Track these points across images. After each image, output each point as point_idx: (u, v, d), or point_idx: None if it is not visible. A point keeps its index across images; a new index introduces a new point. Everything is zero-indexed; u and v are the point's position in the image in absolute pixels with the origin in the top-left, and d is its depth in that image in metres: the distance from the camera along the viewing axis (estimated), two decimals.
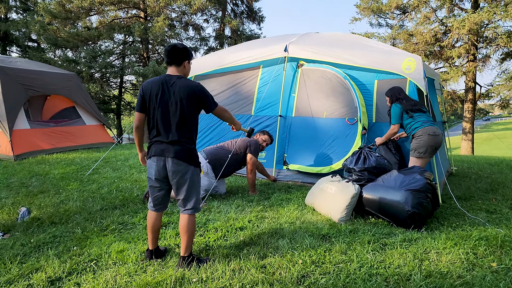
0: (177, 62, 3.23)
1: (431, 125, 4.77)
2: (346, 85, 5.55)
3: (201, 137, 6.82)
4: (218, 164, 5.08)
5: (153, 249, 3.32)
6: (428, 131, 4.71)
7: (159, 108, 3.13)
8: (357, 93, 5.46)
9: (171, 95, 3.12)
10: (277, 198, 5.06)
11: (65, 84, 10.19)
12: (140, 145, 3.45)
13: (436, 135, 4.72)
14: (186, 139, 3.17)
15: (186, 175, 3.14)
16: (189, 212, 3.18)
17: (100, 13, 18.38)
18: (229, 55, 6.77)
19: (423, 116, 4.82)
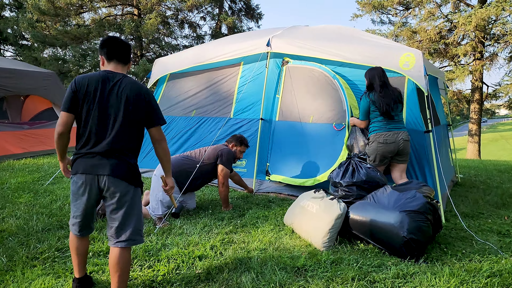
0: (124, 58, 2.62)
1: (389, 130, 4.27)
2: (334, 85, 4.83)
3: (174, 145, 6.09)
4: (183, 177, 4.37)
5: (80, 277, 2.74)
6: (379, 138, 4.25)
7: (95, 109, 2.46)
8: (346, 95, 4.73)
9: (113, 95, 2.47)
10: (252, 216, 4.34)
11: (42, 84, 9.50)
12: (63, 153, 2.70)
13: (388, 143, 4.24)
14: (128, 151, 2.50)
15: (125, 197, 2.49)
16: (123, 244, 2.50)
17: (91, 10, 17.72)
18: (208, 51, 6.07)
19: (386, 121, 4.30)
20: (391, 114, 4.29)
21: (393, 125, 4.33)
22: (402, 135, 4.28)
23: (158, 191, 4.27)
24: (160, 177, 2.97)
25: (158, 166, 4.45)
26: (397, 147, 4.28)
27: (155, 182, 4.35)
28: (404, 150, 4.30)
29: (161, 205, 4.25)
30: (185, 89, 6.22)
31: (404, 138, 4.28)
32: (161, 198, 4.25)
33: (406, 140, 4.29)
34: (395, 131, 4.30)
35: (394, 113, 4.31)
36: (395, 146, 4.28)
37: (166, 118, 6.24)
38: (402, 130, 4.33)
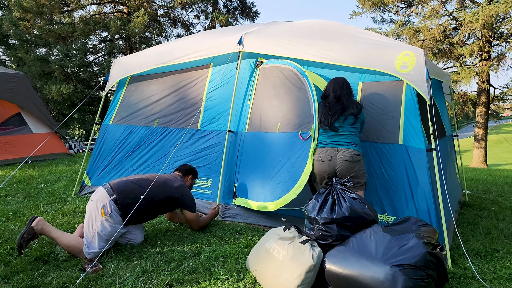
0: None
1: (325, 146, 3.60)
2: (304, 84, 3.91)
3: (134, 159, 5.22)
4: (131, 205, 3.49)
5: None
6: (315, 155, 3.66)
7: None
8: (314, 94, 3.80)
9: None
10: (209, 255, 3.45)
11: (7, 86, 8.66)
12: None
13: (321, 161, 3.56)
14: None
15: None
16: None
17: (78, 8, 16.89)
18: (174, 50, 5.19)
19: (327, 134, 3.64)
20: (332, 126, 3.58)
21: (334, 139, 3.58)
22: (343, 153, 3.48)
23: (96, 220, 3.41)
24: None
25: (97, 190, 3.59)
26: (333, 167, 3.52)
27: (92, 209, 3.48)
28: (344, 171, 3.49)
29: (99, 239, 3.39)
30: (148, 94, 5.34)
31: (344, 158, 3.47)
32: (99, 230, 3.39)
33: (348, 160, 3.47)
34: (333, 147, 3.55)
35: (338, 124, 3.58)
36: (327, 165, 3.55)
37: (125, 128, 5.37)
38: (345, 147, 3.52)
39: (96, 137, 6.30)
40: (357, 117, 3.57)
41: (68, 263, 3.33)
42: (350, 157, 3.44)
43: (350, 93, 3.65)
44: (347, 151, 3.47)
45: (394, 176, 3.69)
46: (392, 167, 3.71)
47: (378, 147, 3.79)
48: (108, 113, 5.61)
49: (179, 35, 19.26)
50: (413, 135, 3.65)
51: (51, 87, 15.24)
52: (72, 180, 6.40)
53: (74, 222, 4.35)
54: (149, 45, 17.89)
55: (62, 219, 4.42)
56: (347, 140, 3.52)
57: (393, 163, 3.70)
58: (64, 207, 4.87)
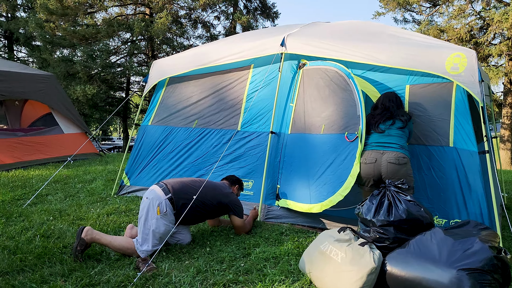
0: None
1: (370, 149, 3.61)
2: (349, 86, 3.91)
3: (171, 160, 5.26)
4: (185, 205, 3.54)
5: None
6: (361, 158, 3.65)
7: None
8: (360, 97, 3.79)
9: None
10: (259, 256, 3.47)
11: (38, 87, 8.82)
12: None
13: (366, 163, 3.56)
14: None
15: None
16: None
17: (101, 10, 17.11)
18: (212, 51, 5.23)
19: (373, 136, 3.68)
20: (378, 128, 3.65)
21: (380, 142, 3.61)
22: (389, 156, 3.48)
23: (151, 218, 3.45)
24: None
25: (152, 188, 3.63)
26: (378, 169, 3.52)
27: (146, 207, 3.51)
28: (389, 174, 3.49)
29: (153, 237, 3.43)
30: (186, 96, 5.39)
31: (390, 160, 3.47)
32: (154, 227, 3.43)
33: (393, 163, 3.45)
34: (379, 149, 3.56)
35: (384, 126, 3.64)
36: (372, 168, 3.55)
37: (164, 129, 5.43)
38: (390, 149, 3.51)
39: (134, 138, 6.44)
40: (406, 123, 3.58)
41: (121, 262, 3.38)
42: (396, 160, 3.43)
43: (400, 105, 3.70)
44: (393, 154, 3.46)
45: (444, 178, 3.66)
46: (442, 170, 3.68)
47: (427, 149, 3.76)
48: (147, 114, 5.68)
49: (199, 36, 19.36)
50: (464, 138, 3.61)
51: (75, 88, 15.45)
52: (108, 180, 6.49)
53: (119, 221, 4.41)
54: (170, 45, 18.02)
55: (108, 219, 4.49)
56: (393, 143, 3.52)
57: (443, 165, 3.67)
58: (106, 207, 4.94)
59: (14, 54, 24.68)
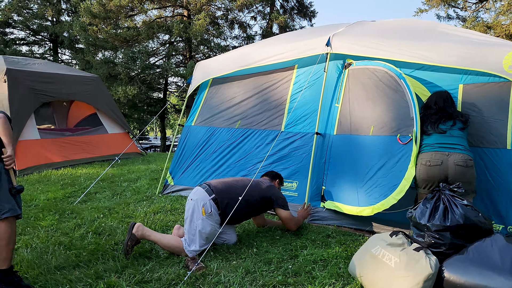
0: None
1: (432, 150, 3.44)
2: (400, 87, 3.81)
3: (215, 160, 5.31)
4: (229, 205, 3.57)
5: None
6: (421, 160, 3.50)
7: None
8: (414, 98, 3.69)
9: None
10: (307, 258, 3.44)
11: (84, 88, 9.14)
12: None
13: (430, 166, 3.39)
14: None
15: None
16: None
17: (141, 13, 17.54)
18: (255, 52, 5.24)
19: (433, 137, 3.52)
20: (438, 129, 3.49)
21: (443, 143, 3.46)
22: (456, 158, 3.35)
23: (197, 218, 3.50)
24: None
25: (196, 189, 3.68)
26: (445, 172, 3.37)
27: (192, 208, 3.57)
28: (457, 177, 3.33)
29: (199, 237, 3.48)
30: (229, 96, 5.43)
31: (458, 163, 3.33)
32: (200, 228, 3.48)
33: (461, 165, 3.32)
34: (443, 151, 3.41)
35: (445, 127, 3.49)
36: (438, 170, 3.39)
37: (207, 129, 5.49)
38: (457, 151, 3.38)
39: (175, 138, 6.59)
40: (467, 124, 3.46)
41: (171, 260, 3.44)
42: (464, 162, 3.30)
43: (454, 106, 3.58)
44: (460, 156, 3.33)
45: (501, 182, 3.51)
46: (499, 173, 3.53)
47: (482, 152, 3.62)
48: (190, 115, 5.77)
49: (235, 36, 19.52)
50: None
51: (117, 89, 15.92)
52: (152, 179, 6.64)
53: (166, 220, 4.50)
54: (207, 46, 18.25)
55: (154, 217, 4.59)
56: (458, 144, 3.39)
57: (500, 169, 3.52)
58: (152, 206, 5.05)
59: (59, 56, 25.71)
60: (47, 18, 24.52)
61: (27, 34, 25.70)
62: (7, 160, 2.88)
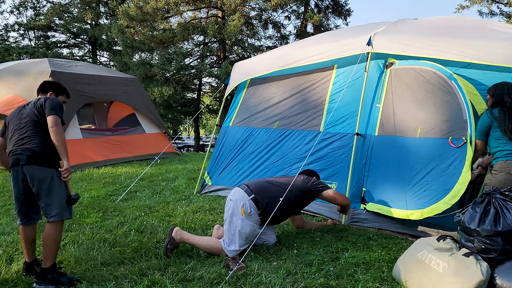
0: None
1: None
2: (451, 88, 3.69)
3: (253, 161, 5.32)
4: (270, 204, 3.57)
5: (29, 262, 3.23)
6: (509, 168, 3.16)
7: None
8: (467, 100, 3.57)
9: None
10: (349, 261, 3.39)
11: (123, 89, 9.39)
12: None
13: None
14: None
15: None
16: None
17: (177, 14, 17.84)
18: (294, 52, 5.22)
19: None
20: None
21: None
22: None
23: (237, 219, 3.52)
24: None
25: (235, 190, 3.71)
26: None
27: (231, 208, 3.59)
28: None
29: (239, 237, 3.49)
30: (267, 97, 5.44)
31: None
32: (239, 228, 3.49)
33: None
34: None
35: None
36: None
37: (245, 130, 5.52)
38: None
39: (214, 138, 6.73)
40: None
41: (211, 260, 3.48)
42: None
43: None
44: None
45: None
46: None
47: None
48: (228, 115, 5.82)
49: (269, 36, 19.52)
50: None
51: (153, 89, 16.25)
52: (189, 179, 6.74)
53: (205, 219, 4.55)
54: (241, 47, 18.36)
55: (194, 216, 4.65)
56: None
57: None
58: (191, 205, 5.13)
59: (97, 58, 26.53)
60: (87, 22, 25.35)
61: (68, 37, 26.70)
62: (64, 173, 3.03)
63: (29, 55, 21.34)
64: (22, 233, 3.19)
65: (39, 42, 26.76)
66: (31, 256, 3.22)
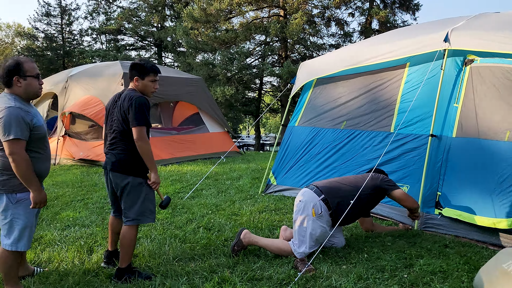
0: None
1: None
2: None
3: (319, 161, 5.24)
4: (341, 204, 3.50)
5: (111, 250, 3.41)
6: None
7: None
8: None
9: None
10: (424, 269, 3.23)
11: (188, 89, 9.68)
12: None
13: None
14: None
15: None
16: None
17: (239, 15, 18.10)
18: (362, 51, 5.08)
19: None
20: None
21: None
22: None
23: (307, 220, 3.47)
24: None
25: (304, 190, 3.66)
26: None
27: (302, 209, 3.55)
28: None
29: (309, 239, 3.45)
30: (334, 97, 5.34)
31: None
32: (310, 229, 3.45)
33: None
34: None
35: None
36: None
37: (311, 130, 5.46)
38: None
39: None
40: None
41: (279, 260, 3.47)
42: None
43: None
44: None
45: None
46: None
47: None
48: (293, 115, 5.79)
49: (332, 34, 19.22)
50: None
51: (215, 89, 16.61)
52: (253, 178, 6.80)
53: (271, 219, 4.56)
54: (303, 45, 18.25)
55: (260, 216, 4.68)
56: None
57: None
58: (256, 204, 5.16)
59: (162, 60, 27.63)
60: (153, 25, 26.50)
61: (136, 40, 28.07)
62: (152, 184, 3.13)
63: (100, 57, 22.68)
64: (110, 223, 3.40)
65: (109, 45, 28.42)
66: (113, 246, 3.42)
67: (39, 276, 3.25)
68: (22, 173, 2.63)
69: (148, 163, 3.07)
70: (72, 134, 8.93)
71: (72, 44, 28.63)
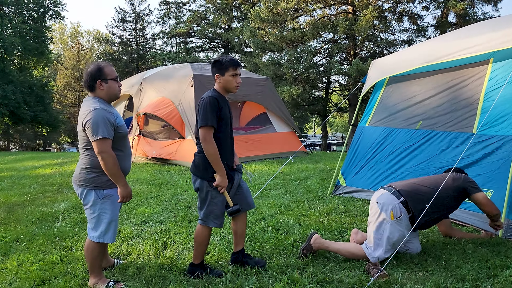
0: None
1: None
2: None
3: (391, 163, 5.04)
4: (419, 209, 3.34)
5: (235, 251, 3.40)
6: None
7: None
8: None
9: None
10: (510, 280, 2.99)
11: (257, 89, 9.77)
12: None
13: None
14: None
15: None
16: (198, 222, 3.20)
17: (306, 13, 17.97)
18: (439, 47, 4.79)
19: None
20: None
21: None
22: None
23: (385, 223, 3.35)
24: None
25: (380, 192, 3.53)
26: None
27: (378, 211, 3.41)
28: None
29: (386, 243, 3.31)
30: (408, 96, 5.11)
31: None
32: (388, 233, 3.31)
33: None
34: None
35: None
36: None
37: (383, 130, 5.27)
38: None
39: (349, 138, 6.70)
40: None
41: (350, 263, 3.38)
42: None
43: None
44: None
45: None
46: None
47: None
48: (364, 115, 5.64)
49: (404, 29, 18.39)
50: None
51: (282, 89, 16.64)
52: (322, 179, 6.71)
53: (340, 221, 4.48)
54: (373, 42, 17.70)
55: (329, 218, 4.61)
56: None
57: None
58: (325, 206, 5.09)
59: None
60: (221, 26, 27.16)
61: (204, 42, 28.96)
62: (217, 187, 3.04)
63: (171, 60, 23.69)
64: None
65: (179, 47, 29.58)
66: (235, 247, 3.39)
67: (119, 267, 3.45)
68: (111, 170, 2.82)
69: (213, 164, 3.01)
70: (145, 133, 9.41)
71: (145, 47, 30.25)
